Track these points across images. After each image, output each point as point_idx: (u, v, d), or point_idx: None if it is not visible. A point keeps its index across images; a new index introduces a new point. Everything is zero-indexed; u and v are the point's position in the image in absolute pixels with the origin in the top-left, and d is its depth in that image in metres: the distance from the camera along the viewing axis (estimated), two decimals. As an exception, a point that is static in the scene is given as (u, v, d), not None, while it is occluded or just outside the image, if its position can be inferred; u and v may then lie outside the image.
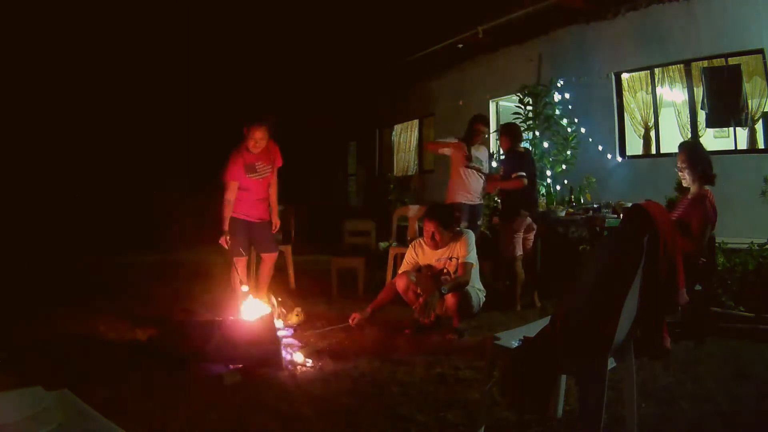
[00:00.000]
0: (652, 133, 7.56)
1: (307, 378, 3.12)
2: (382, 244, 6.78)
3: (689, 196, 3.72)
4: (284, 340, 3.61)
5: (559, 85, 7.95)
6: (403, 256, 4.44)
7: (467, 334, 3.94)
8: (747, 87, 6.39)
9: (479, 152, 5.50)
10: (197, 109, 12.15)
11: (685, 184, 3.80)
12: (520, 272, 4.95)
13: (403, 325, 4.13)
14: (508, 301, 4.91)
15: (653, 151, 7.57)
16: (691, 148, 3.91)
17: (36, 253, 7.88)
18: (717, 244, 4.20)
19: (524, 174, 4.86)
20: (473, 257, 4.03)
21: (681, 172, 3.74)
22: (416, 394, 2.84)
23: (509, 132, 5.19)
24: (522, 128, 6.50)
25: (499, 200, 5.82)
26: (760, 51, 6.20)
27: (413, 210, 5.82)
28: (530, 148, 7.01)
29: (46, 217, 9.97)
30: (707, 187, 3.64)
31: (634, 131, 7.76)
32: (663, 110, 7.55)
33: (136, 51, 11.69)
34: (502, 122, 7.39)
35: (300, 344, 3.66)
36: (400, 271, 4.26)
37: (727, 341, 3.69)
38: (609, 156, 7.70)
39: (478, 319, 4.20)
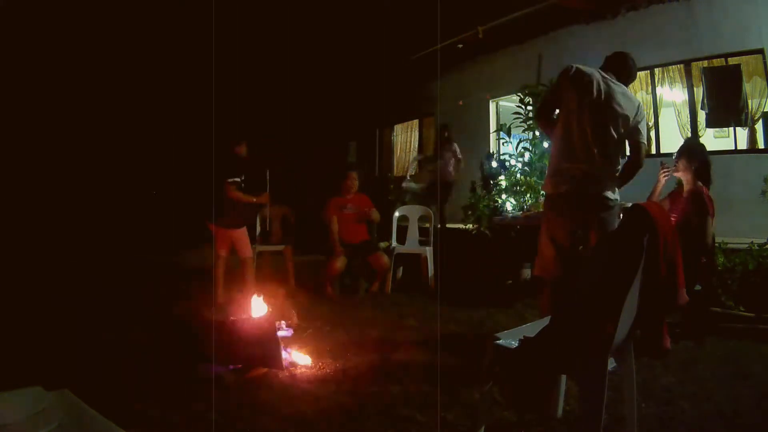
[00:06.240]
0: (652, 133, 7.56)
1: (307, 378, 3.12)
2: (382, 244, 6.78)
3: (684, 195, 3.74)
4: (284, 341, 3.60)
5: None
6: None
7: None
8: (747, 87, 6.39)
9: None
10: (197, 109, 12.20)
11: (683, 182, 3.81)
12: None
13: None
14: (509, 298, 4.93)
15: (653, 151, 7.57)
16: (687, 145, 3.94)
17: (37, 254, 7.88)
18: (717, 244, 4.20)
19: None
20: None
21: (678, 171, 3.76)
22: (416, 394, 2.84)
23: None
24: (522, 128, 6.50)
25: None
26: (760, 51, 6.20)
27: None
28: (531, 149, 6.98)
29: (49, 216, 10.01)
30: (701, 184, 3.66)
31: (634, 131, 7.75)
32: (663, 110, 7.55)
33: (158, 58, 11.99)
34: (501, 122, 7.39)
35: (300, 344, 3.66)
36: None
37: (727, 341, 3.69)
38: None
39: (479, 318, 4.19)
